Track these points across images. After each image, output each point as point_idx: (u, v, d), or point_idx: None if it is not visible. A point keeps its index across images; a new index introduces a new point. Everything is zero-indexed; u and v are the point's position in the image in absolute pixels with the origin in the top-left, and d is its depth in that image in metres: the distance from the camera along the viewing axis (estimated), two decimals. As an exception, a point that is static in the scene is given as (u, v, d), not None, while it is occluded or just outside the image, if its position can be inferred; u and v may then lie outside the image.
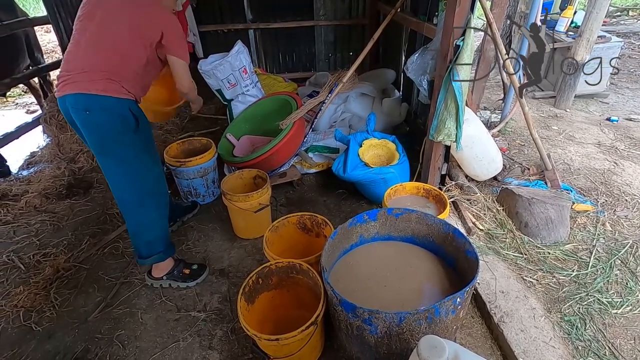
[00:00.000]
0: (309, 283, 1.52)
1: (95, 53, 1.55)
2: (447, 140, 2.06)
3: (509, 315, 1.59)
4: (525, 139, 3.03)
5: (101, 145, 1.61)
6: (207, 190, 2.53)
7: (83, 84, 1.52)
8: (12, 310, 1.81)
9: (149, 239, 1.79)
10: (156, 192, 1.77)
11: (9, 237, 2.32)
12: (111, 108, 1.55)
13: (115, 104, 1.56)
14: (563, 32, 3.65)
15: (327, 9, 4.10)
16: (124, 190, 1.70)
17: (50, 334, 1.71)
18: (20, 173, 3.08)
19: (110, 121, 1.56)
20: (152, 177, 1.74)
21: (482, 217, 2.18)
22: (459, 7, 1.78)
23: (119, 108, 1.57)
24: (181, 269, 1.91)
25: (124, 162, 1.64)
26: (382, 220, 1.68)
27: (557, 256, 1.93)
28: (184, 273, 1.91)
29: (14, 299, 1.87)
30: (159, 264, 1.87)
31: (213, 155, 2.44)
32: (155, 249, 1.81)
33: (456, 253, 1.54)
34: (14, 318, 1.78)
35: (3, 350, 1.64)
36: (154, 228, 1.78)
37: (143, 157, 1.68)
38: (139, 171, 1.68)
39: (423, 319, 1.20)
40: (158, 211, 1.78)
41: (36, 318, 1.78)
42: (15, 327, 1.75)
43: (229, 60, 2.82)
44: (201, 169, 2.38)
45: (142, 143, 1.67)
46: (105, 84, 1.53)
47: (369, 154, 2.46)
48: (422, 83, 2.19)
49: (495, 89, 4.15)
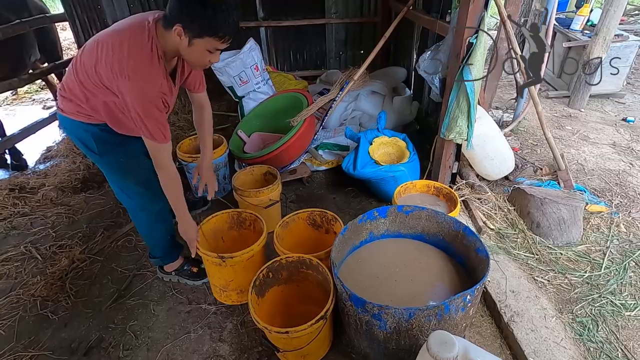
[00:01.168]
0: (318, 278, 1.53)
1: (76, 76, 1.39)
2: (458, 139, 2.05)
3: (519, 315, 1.58)
4: (538, 138, 2.99)
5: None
6: (219, 186, 2.54)
7: (60, 102, 1.47)
8: (29, 299, 1.87)
9: (150, 244, 1.88)
10: (143, 209, 1.71)
11: (26, 228, 2.39)
12: (73, 130, 1.49)
13: (76, 126, 1.47)
14: (579, 30, 3.59)
15: (339, 6, 4.10)
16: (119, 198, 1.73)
17: (65, 323, 1.76)
18: (37, 167, 3.16)
19: (76, 141, 1.54)
20: (134, 196, 1.67)
21: (492, 217, 2.16)
22: (473, 4, 1.77)
23: (78, 131, 1.48)
24: (190, 266, 1.94)
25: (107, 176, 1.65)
26: (392, 217, 1.69)
27: (570, 257, 1.90)
28: (192, 271, 1.93)
29: (31, 288, 1.92)
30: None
31: (224, 151, 2.46)
32: (155, 253, 1.89)
33: (466, 251, 1.53)
34: (31, 307, 1.83)
35: (21, 338, 1.69)
36: (148, 237, 1.85)
37: (116, 178, 1.62)
38: (118, 190, 1.67)
39: (433, 315, 1.20)
40: (148, 226, 1.78)
41: (52, 307, 1.83)
42: (33, 315, 1.80)
43: (241, 58, 2.84)
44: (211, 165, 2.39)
45: (112, 166, 1.59)
46: (73, 105, 1.43)
47: (379, 151, 2.46)
48: (434, 81, 2.18)
49: (508, 88, 4.10)
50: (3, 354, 1.61)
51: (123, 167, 1.60)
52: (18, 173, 3.06)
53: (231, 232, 1.90)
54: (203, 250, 1.60)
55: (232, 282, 1.69)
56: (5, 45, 2.84)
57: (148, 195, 1.68)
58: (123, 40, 1.29)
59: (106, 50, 1.29)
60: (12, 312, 1.82)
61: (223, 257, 1.56)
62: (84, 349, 1.63)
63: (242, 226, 1.89)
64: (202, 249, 1.61)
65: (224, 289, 1.74)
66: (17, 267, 2.08)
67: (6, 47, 2.87)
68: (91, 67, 1.32)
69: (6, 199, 2.60)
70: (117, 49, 1.28)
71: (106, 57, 1.28)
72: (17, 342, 1.67)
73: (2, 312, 1.82)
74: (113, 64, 1.27)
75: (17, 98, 4.90)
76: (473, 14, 1.79)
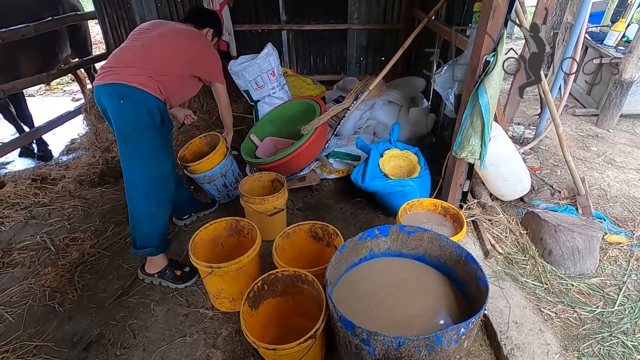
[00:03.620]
0: (313, 294, 1.52)
1: (145, 55, 1.76)
2: (470, 158, 1.99)
3: (520, 349, 1.52)
4: (559, 159, 2.87)
5: (126, 134, 1.72)
6: (220, 193, 2.52)
7: (124, 76, 1.68)
8: (39, 289, 1.95)
9: (147, 231, 1.85)
10: (163, 188, 1.85)
11: (44, 218, 2.49)
12: (143, 101, 1.70)
13: (148, 99, 1.71)
14: (612, 46, 3.41)
15: (362, 12, 4.07)
16: (134, 179, 1.78)
17: (70, 316, 1.82)
18: (60, 158, 3.30)
19: (140, 112, 1.70)
20: (163, 173, 1.83)
21: (502, 240, 2.08)
22: (492, 21, 1.70)
23: (150, 103, 1.72)
24: (173, 269, 1.95)
25: (141, 153, 1.75)
26: (393, 237, 1.65)
27: (581, 289, 1.81)
28: (176, 274, 1.94)
29: (42, 278, 2.00)
30: (153, 259, 1.92)
31: (220, 160, 2.32)
32: (150, 242, 1.87)
33: (468, 278, 1.48)
34: (41, 297, 1.91)
35: (28, 327, 1.77)
36: (153, 221, 1.85)
37: (159, 152, 1.80)
38: (152, 164, 1.77)
39: (423, 346, 1.17)
40: (160, 206, 1.85)
41: (60, 299, 1.90)
42: (41, 305, 1.88)
43: (257, 62, 2.86)
44: (206, 176, 2.33)
45: (161, 140, 1.80)
46: (145, 80, 1.71)
47: (390, 164, 2.42)
48: (449, 97, 2.12)
49: (533, 103, 3.95)
50: (10, 341, 1.69)
51: (169, 142, 1.88)
52: (42, 163, 3.21)
53: (231, 239, 1.92)
54: (194, 259, 1.62)
55: (224, 290, 1.71)
56: (39, 41, 2.98)
57: (172, 174, 1.92)
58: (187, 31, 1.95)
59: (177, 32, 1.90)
60: (22, 300, 1.90)
61: (211, 266, 1.57)
62: (85, 344, 1.68)
63: (240, 234, 1.90)
64: (193, 257, 1.63)
65: (216, 296, 1.76)
66: (31, 256, 2.17)
67: (40, 42, 3.01)
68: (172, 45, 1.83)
69: (28, 188, 2.73)
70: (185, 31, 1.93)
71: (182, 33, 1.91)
72: (24, 330, 1.75)
73: (14, 300, 1.91)
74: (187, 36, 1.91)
75: (50, 89, 5.14)
76: (491, 30, 1.73)
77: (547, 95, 2.10)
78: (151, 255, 1.90)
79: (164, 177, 1.85)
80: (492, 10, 1.67)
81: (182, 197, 2.33)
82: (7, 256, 2.16)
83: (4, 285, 1.99)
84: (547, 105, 2.15)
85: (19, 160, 3.29)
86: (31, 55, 3.01)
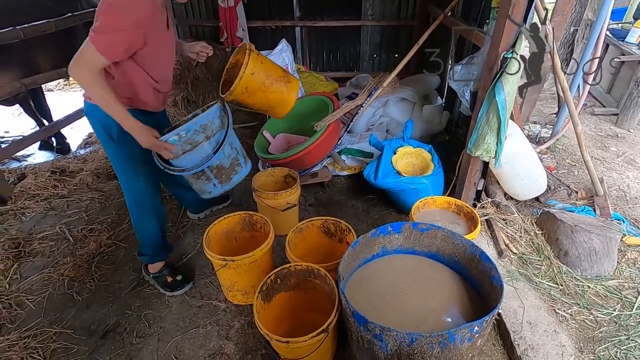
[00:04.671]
0: (325, 289, 1.53)
1: None
2: (485, 156, 1.97)
3: (534, 349, 1.50)
4: (577, 158, 2.81)
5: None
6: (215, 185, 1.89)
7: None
8: (59, 278, 2.01)
9: (141, 239, 1.89)
10: (140, 204, 1.78)
11: (63, 210, 2.56)
12: (97, 115, 1.52)
13: (97, 112, 1.48)
14: (634, 43, 3.31)
15: (376, 8, 4.04)
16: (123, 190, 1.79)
17: (88, 304, 1.88)
18: (78, 152, 3.37)
19: (96, 128, 1.60)
20: (135, 188, 1.75)
21: (517, 240, 2.06)
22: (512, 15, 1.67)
23: (101, 116, 1.48)
24: (165, 275, 1.92)
25: (115, 168, 1.73)
26: (406, 234, 1.65)
27: (598, 292, 1.78)
28: (167, 280, 1.91)
29: (61, 268, 2.06)
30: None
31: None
32: (144, 250, 1.90)
33: (481, 276, 1.47)
34: (60, 286, 1.97)
35: (48, 314, 1.83)
36: (142, 232, 1.86)
37: (125, 169, 1.70)
38: (123, 180, 1.74)
39: (436, 343, 1.16)
40: (143, 220, 1.82)
41: (78, 288, 1.96)
42: (60, 293, 1.93)
43: (271, 58, 2.87)
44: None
45: (121, 155, 1.65)
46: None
47: (403, 162, 2.41)
48: (465, 94, 2.10)
49: (550, 101, 3.87)
50: (31, 327, 1.75)
51: (135, 156, 1.66)
52: (61, 156, 3.29)
53: (244, 233, 1.94)
54: (207, 252, 1.64)
55: (237, 283, 1.73)
56: (59, 37, 3.04)
57: (147, 190, 1.77)
58: None
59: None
60: (43, 288, 1.96)
61: (225, 259, 1.59)
62: (102, 332, 1.73)
63: (254, 228, 1.92)
64: (207, 250, 1.65)
65: (229, 288, 1.79)
66: (51, 246, 2.24)
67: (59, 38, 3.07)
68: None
69: (48, 180, 2.80)
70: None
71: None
72: (44, 317, 1.81)
73: (34, 288, 1.97)
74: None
75: (68, 84, 5.25)
76: (511, 26, 1.70)
77: (566, 93, 2.06)
78: (147, 263, 1.94)
79: (137, 193, 1.75)
80: (512, 6, 1.64)
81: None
82: (28, 245, 2.23)
83: (26, 273, 2.05)
84: (566, 103, 2.10)
85: (39, 153, 3.38)
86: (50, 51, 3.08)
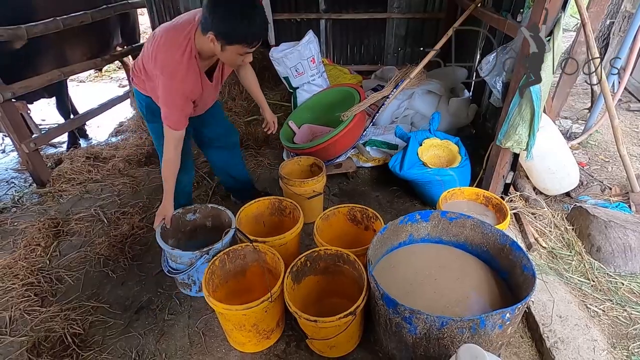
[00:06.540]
0: (353, 274, 1.55)
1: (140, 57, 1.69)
2: (516, 148, 1.93)
3: (564, 343, 1.47)
4: (610, 154, 2.71)
5: None
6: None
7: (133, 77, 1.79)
8: (94, 256, 2.11)
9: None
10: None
11: (97, 193, 2.68)
12: (137, 99, 1.83)
13: (137, 96, 1.82)
14: (677, 36, 3.15)
15: (402, 1, 4.00)
16: None
17: (122, 282, 1.96)
18: (110, 139, 3.50)
19: (142, 109, 1.85)
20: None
21: (546, 234, 2.02)
22: (549, 3, 1.63)
23: (140, 99, 1.81)
24: None
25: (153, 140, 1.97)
26: (434, 222, 1.65)
27: (633, 289, 1.73)
28: None
29: (97, 247, 2.16)
30: None
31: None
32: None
33: (511, 267, 1.45)
34: (96, 263, 2.07)
35: (85, 289, 1.92)
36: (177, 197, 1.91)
37: (158, 143, 1.86)
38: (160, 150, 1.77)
39: (467, 327, 1.17)
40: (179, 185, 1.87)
41: (112, 266, 2.05)
42: (97, 271, 2.03)
43: (298, 49, 2.90)
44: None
45: (155, 132, 1.84)
46: (136, 79, 1.75)
47: (429, 153, 2.39)
48: (496, 85, 2.06)
49: (582, 97, 3.74)
50: (70, 301, 1.84)
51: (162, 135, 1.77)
52: (94, 142, 3.43)
53: (272, 218, 1.98)
54: (241, 231, 1.69)
55: None
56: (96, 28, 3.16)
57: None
58: (168, 36, 1.52)
59: (157, 43, 1.53)
60: (80, 265, 2.06)
61: (257, 240, 1.63)
62: (136, 307, 1.81)
63: (282, 213, 1.96)
64: (241, 230, 1.70)
65: None
66: (87, 227, 2.34)
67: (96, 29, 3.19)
68: (149, 55, 1.56)
69: (83, 165, 2.93)
70: (161, 43, 1.51)
71: (156, 48, 1.52)
72: (82, 292, 1.90)
73: (73, 265, 2.07)
74: (156, 56, 1.51)
75: (99, 75, 5.44)
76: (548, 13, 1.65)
77: (604, 84, 1.99)
78: None
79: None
80: (550, -7, 1.60)
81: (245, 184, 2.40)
82: (66, 225, 2.35)
83: (64, 251, 2.16)
84: (603, 95, 2.04)
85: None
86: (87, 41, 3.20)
